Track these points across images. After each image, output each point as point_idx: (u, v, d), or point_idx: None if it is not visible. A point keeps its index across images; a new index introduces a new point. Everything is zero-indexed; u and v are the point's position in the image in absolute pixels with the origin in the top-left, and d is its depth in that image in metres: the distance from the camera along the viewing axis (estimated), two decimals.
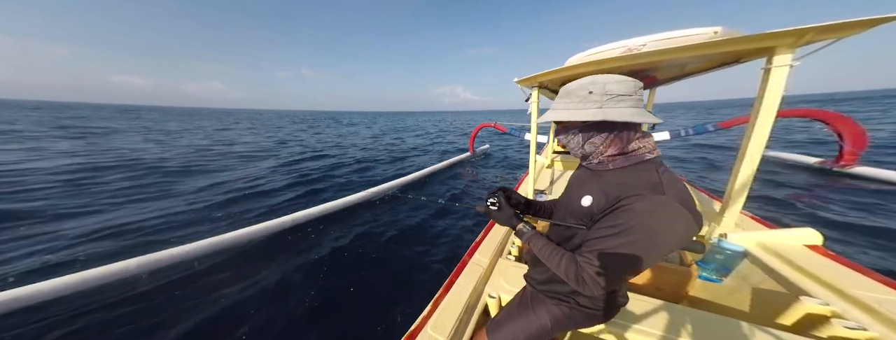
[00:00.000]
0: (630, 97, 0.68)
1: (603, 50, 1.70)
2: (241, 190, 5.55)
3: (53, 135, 13.17)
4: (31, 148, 9.68)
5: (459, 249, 3.28)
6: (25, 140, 11.43)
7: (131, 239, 3.51)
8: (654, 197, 0.62)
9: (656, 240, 0.61)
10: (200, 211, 4.49)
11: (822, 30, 1.17)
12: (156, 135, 15.55)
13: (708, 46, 1.34)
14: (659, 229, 0.61)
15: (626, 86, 0.68)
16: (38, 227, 3.73)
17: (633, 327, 1.11)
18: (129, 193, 5.28)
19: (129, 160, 8.11)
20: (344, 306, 2.43)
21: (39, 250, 3.16)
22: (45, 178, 6.01)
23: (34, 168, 6.86)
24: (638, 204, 0.62)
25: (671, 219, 0.61)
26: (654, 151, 0.71)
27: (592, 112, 0.68)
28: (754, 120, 1.44)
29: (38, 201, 4.70)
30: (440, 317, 1.14)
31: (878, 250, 2.86)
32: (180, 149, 10.82)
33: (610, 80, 0.68)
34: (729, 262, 1.60)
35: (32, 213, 4.16)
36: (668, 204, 0.61)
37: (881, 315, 1.02)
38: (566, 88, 0.74)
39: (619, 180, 0.69)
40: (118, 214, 4.25)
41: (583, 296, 0.85)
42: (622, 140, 0.71)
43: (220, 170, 7.45)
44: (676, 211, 0.61)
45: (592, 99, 0.69)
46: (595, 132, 0.72)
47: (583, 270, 0.68)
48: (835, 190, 4.63)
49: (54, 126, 17.64)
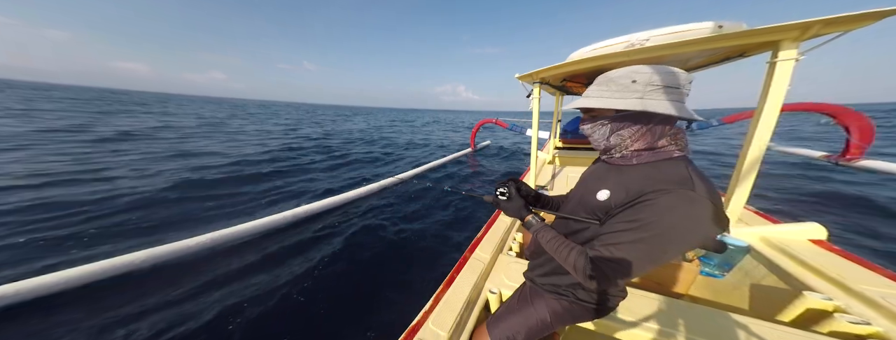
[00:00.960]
0: (677, 90, 0.64)
1: (606, 45, 1.69)
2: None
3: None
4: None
5: (462, 244, 3.29)
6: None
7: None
8: (683, 192, 0.59)
9: (678, 237, 0.59)
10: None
11: (828, 23, 1.15)
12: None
13: (712, 41, 1.32)
14: (682, 226, 0.58)
15: (674, 78, 0.64)
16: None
17: (634, 322, 1.11)
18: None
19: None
20: (347, 300, 2.45)
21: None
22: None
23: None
24: (663, 199, 0.59)
25: (698, 217, 0.58)
26: (685, 149, 0.69)
27: (631, 102, 0.65)
28: (759, 114, 1.42)
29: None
30: (441, 313, 1.15)
31: (882, 241, 2.83)
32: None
33: (658, 70, 0.64)
34: (731, 258, 1.60)
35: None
36: (697, 200, 0.58)
37: (885, 309, 1.01)
38: (606, 75, 0.71)
39: (642, 175, 0.67)
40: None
41: (582, 290, 0.85)
42: (654, 134, 0.68)
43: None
44: (705, 207, 0.58)
45: (634, 88, 0.65)
46: (629, 123, 0.68)
47: (593, 265, 0.65)
48: (841, 184, 4.59)
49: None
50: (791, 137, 9.53)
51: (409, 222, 3.90)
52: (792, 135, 10.60)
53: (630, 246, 0.61)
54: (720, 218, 0.59)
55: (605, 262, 0.64)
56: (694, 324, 1.07)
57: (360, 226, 3.71)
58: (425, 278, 2.74)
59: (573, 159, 4.63)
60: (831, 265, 1.26)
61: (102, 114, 16.60)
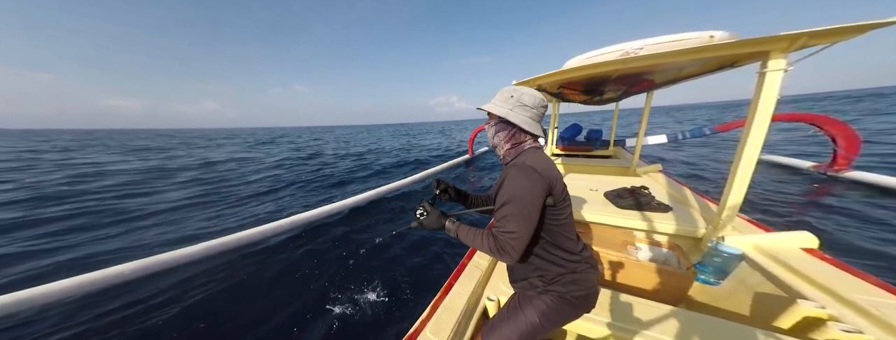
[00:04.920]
0: (533, 109, 0.88)
1: (600, 53, 1.72)
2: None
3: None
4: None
5: (457, 254, 3.27)
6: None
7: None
8: (520, 164, 0.84)
9: (526, 194, 0.79)
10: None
11: (815, 35, 1.19)
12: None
13: (704, 50, 1.35)
14: (524, 186, 0.80)
15: (533, 100, 0.88)
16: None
17: (630, 329, 1.11)
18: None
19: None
20: (345, 307, 2.40)
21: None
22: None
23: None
24: (509, 172, 0.84)
25: (531, 178, 0.80)
26: (534, 144, 0.92)
27: (504, 111, 0.89)
28: (750, 123, 1.45)
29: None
30: (439, 320, 1.13)
31: (874, 258, 2.88)
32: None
33: (526, 93, 0.89)
34: (726, 265, 1.61)
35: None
36: (524, 167, 0.82)
37: (877, 318, 1.02)
38: (502, 89, 0.94)
39: (506, 165, 0.92)
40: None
41: (556, 284, 0.91)
42: (516, 138, 0.92)
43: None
44: (531, 171, 0.81)
45: (510, 101, 0.89)
46: (505, 126, 0.92)
47: (497, 239, 0.81)
48: (829, 194, 4.67)
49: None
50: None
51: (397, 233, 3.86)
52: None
53: (509, 215, 0.80)
54: (544, 175, 0.81)
55: (502, 234, 0.80)
56: (692, 331, 1.07)
57: (353, 237, 3.65)
58: (423, 283, 2.70)
59: (570, 166, 4.66)
60: (823, 273, 1.27)
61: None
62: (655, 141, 7.58)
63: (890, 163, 5.96)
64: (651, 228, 2.02)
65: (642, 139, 3.76)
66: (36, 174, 8.64)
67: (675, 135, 7.11)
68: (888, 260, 2.70)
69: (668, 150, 9.68)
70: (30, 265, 3.09)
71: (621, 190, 2.44)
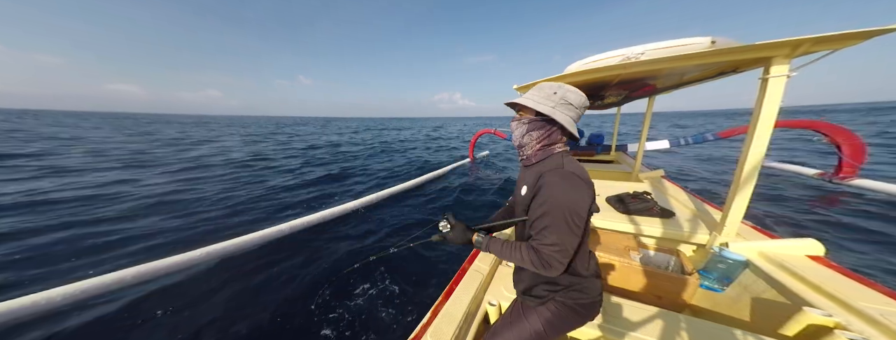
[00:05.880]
0: (577, 109, 0.82)
1: (601, 58, 1.72)
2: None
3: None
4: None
5: (460, 256, 3.25)
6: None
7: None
8: (557, 170, 0.78)
9: (570, 202, 0.73)
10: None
11: (817, 41, 1.19)
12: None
13: (705, 56, 1.35)
14: (568, 193, 0.74)
15: (579, 100, 0.81)
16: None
17: (632, 336, 1.09)
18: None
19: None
20: (344, 313, 2.39)
21: None
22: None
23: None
24: (549, 177, 0.77)
25: (574, 184, 0.75)
26: (564, 147, 0.86)
27: (547, 108, 0.80)
28: (753, 130, 1.44)
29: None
30: (440, 326, 1.12)
31: (880, 263, 2.83)
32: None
33: (571, 91, 0.81)
34: (730, 271, 1.59)
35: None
36: (567, 175, 0.76)
37: (886, 327, 1.00)
38: (540, 84, 0.87)
39: (538, 168, 0.84)
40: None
41: (562, 293, 0.88)
42: (551, 140, 0.85)
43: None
44: (573, 177, 0.76)
45: (553, 98, 0.81)
46: (543, 124, 0.83)
47: (539, 252, 0.75)
48: (835, 202, 4.62)
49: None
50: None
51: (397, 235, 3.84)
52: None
53: (550, 225, 0.74)
54: (587, 184, 0.78)
55: (544, 247, 0.75)
56: (696, 338, 1.05)
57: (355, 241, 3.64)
58: (423, 288, 2.68)
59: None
60: (830, 281, 1.25)
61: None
62: (658, 146, 7.54)
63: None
64: (653, 234, 2.01)
65: (644, 144, 3.75)
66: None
67: (677, 141, 7.08)
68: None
69: (671, 157, 9.65)
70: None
71: (623, 195, 2.43)
